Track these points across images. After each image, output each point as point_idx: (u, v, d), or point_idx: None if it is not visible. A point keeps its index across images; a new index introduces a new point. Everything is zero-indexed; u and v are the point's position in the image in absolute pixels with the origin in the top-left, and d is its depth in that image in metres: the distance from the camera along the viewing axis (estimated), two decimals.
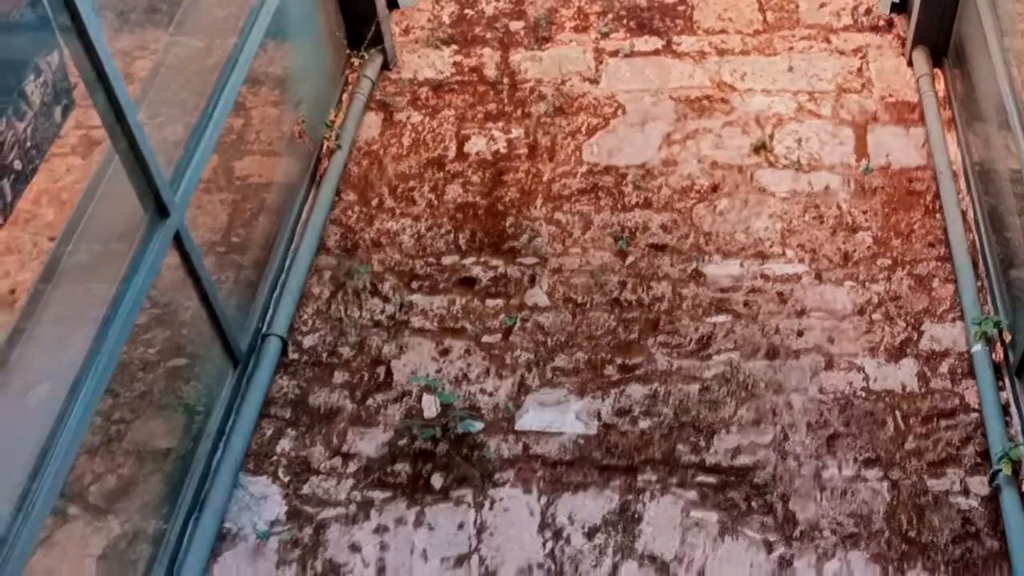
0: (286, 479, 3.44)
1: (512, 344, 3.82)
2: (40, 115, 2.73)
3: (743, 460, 3.47)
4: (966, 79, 4.39)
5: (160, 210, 2.99)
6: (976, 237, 4.00)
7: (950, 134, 4.37)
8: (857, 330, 3.78)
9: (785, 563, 3.25)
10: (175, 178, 3.12)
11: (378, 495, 3.39)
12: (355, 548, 3.27)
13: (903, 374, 3.65)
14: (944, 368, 3.66)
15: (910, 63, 4.70)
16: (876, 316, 3.82)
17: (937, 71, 4.63)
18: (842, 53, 4.82)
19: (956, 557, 3.20)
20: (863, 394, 3.60)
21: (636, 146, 4.48)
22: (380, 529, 3.32)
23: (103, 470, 3.01)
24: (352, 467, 3.46)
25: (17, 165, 2.54)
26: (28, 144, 2.68)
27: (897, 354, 3.70)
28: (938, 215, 4.11)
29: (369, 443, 3.54)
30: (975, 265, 3.90)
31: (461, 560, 3.26)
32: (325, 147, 4.43)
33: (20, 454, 2.52)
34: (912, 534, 3.27)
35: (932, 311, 3.83)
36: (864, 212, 4.15)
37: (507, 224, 4.22)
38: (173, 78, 3.54)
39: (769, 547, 3.27)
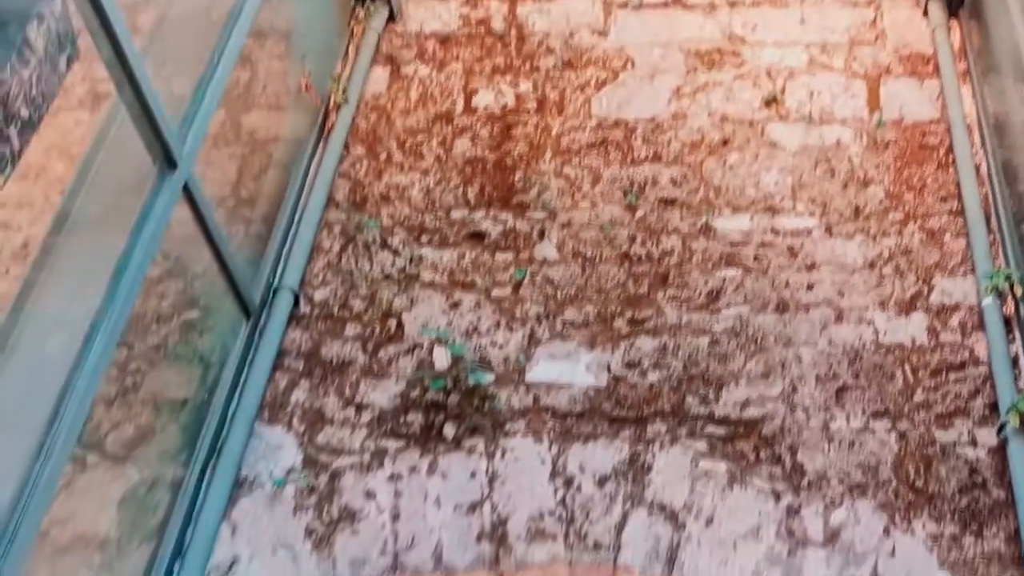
0: (301, 428, 3.47)
1: (522, 297, 3.83)
2: (44, 63, 2.72)
3: (752, 412, 3.49)
4: (982, 31, 4.34)
5: (168, 161, 2.99)
6: (989, 191, 3.98)
7: (965, 87, 4.33)
8: (867, 284, 3.78)
9: (793, 512, 3.28)
10: (182, 129, 3.11)
11: (391, 444, 3.43)
12: (370, 495, 3.32)
13: (913, 327, 3.66)
14: (954, 322, 3.67)
15: (925, 14, 4.64)
16: (887, 270, 3.82)
17: (953, 22, 4.57)
18: (855, 4, 4.75)
19: (963, 506, 3.23)
20: (872, 347, 3.61)
21: (645, 100, 4.44)
22: (394, 477, 3.36)
23: (120, 419, 3.05)
24: (365, 417, 3.50)
25: (23, 113, 2.53)
26: (33, 92, 2.66)
27: (907, 308, 3.71)
28: (951, 169, 4.08)
29: (382, 394, 3.57)
30: (987, 219, 3.88)
31: (474, 507, 3.30)
32: (332, 101, 4.40)
33: (37, 404, 2.55)
34: (919, 484, 3.30)
35: (943, 265, 3.82)
36: (876, 166, 4.13)
37: (516, 178, 4.21)
38: (178, 31, 3.51)
39: (777, 496, 3.31)
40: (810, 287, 3.79)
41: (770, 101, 4.37)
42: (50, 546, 2.82)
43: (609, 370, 3.61)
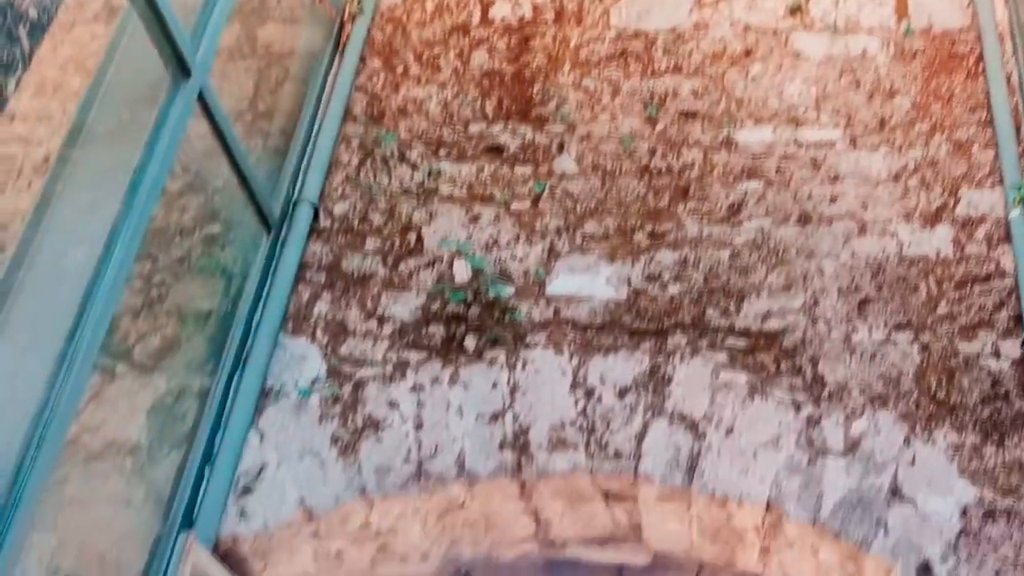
0: (324, 340, 3.51)
1: (541, 211, 3.81)
2: None
3: (773, 324, 3.48)
4: None
5: (182, 69, 2.97)
6: (1020, 101, 3.88)
7: None
8: (892, 196, 3.73)
9: (813, 422, 3.29)
10: (195, 37, 3.08)
11: (413, 356, 3.46)
12: (393, 405, 3.36)
13: (938, 240, 3.62)
14: (980, 234, 3.62)
15: None
16: (912, 182, 3.76)
17: None
18: None
19: (984, 417, 3.23)
20: (896, 260, 3.58)
21: (666, 9, 4.33)
22: (416, 387, 3.39)
23: (147, 330, 3.09)
24: (387, 329, 3.52)
25: (32, 14, 2.49)
26: None
27: (932, 220, 3.66)
28: (981, 78, 3.98)
29: (403, 307, 3.58)
30: (1017, 129, 3.80)
31: (495, 417, 3.33)
32: (347, 12, 4.32)
33: (60, 314, 2.56)
34: (941, 395, 3.30)
35: (970, 176, 3.76)
36: (903, 76, 4.03)
37: (534, 91, 4.14)
38: None
39: (797, 407, 3.32)
40: (833, 199, 3.75)
41: (794, 10, 4.26)
42: (83, 452, 2.88)
43: (629, 283, 3.60)
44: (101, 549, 2.86)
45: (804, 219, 3.71)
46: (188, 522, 2.96)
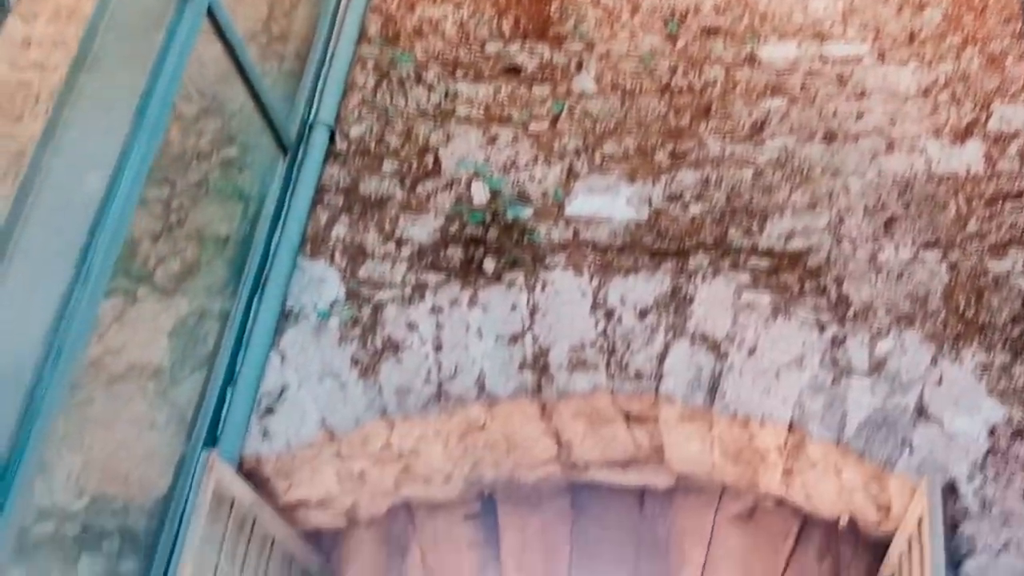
0: (343, 263, 3.50)
1: (560, 131, 3.74)
2: None
3: (797, 244, 3.42)
4: None
5: None
6: None
7: None
8: (921, 112, 3.62)
9: (838, 342, 3.25)
10: None
11: (432, 278, 3.44)
12: (412, 327, 3.36)
13: (968, 156, 3.51)
14: (1013, 149, 3.51)
15: None
16: (942, 97, 3.65)
17: None
18: None
19: (1014, 336, 3.17)
20: (924, 177, 3.49)
21: None
22: (435, 309, 3.38)
23: (167, 254, 3.10)
24: (405, 252, 3.50)
25: None
26: None
27: (963, 135, 3.55)
28: None
29: (421, 229, 3.56)
30: None
31: (515, 338, 3.32)
32: None
33: (73, 236, 2.55)
34: (969, 314, 3.23)
35: (1003, 90, 3.63)
36: None
37: (551, 9, 4.04)
38: None
39: (822, 327, 3.27)
40: (860, 116, 3.65)
41: None
42: (106, 374, 2.92)
43: (650, 203, 3.54)
44: (126, 469, 2.90)
45: (829, 137, 3.61)
46: (211, 442, 3.00)
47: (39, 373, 2.29)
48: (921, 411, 3.12)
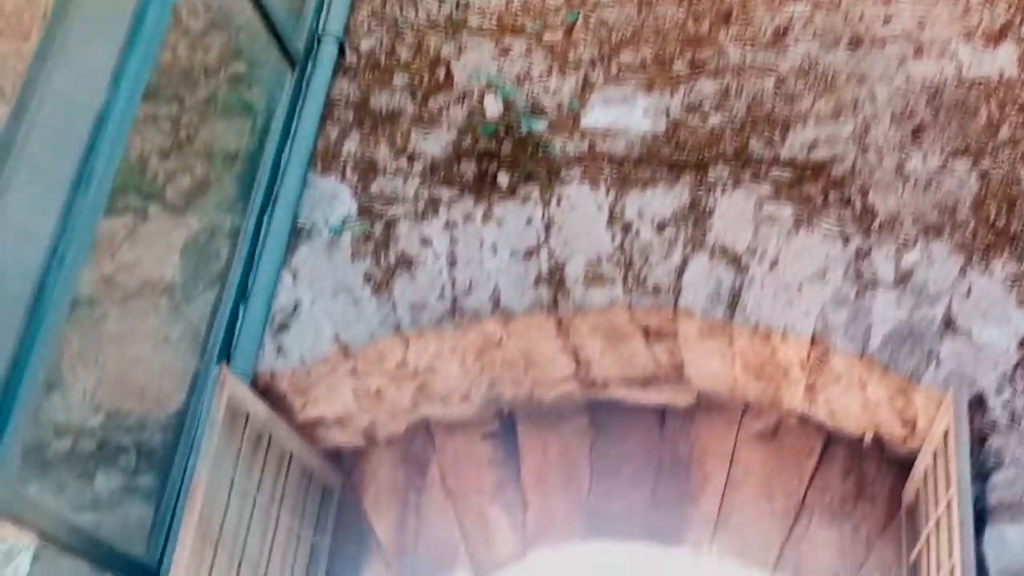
0: (354, 178, 3.45)
1: (575, 41, 3.63)
2: None
3: (820, 154, 3.32)
4: None
5: None
6: None
7: None
8: (951, 14, 3.46)
9: (862, 254, 3.17)
10: None
11: (445, 193, 3.38)
12: (426, 242, 3.32)
13: (1002, 60, 3.36)
14: None
15: None
16: None
17: None
18: None
19: None
20: (955, 82, 3.35)
21: None
22: (449, 224, 3.33)
23: (177, 170, 3.07)
24: (418, 167, 3.44)
25: None
26: None
27: (996, 38, 3.40)
28: None
29: (433, 143, 3.49)
30: None
31: (530, 253, 3.27)
32: None
33: (71, 148, 2.51)
34: (1000, 224, 3.13)
35: None
36: None
37: None
38: None
39: (846, 239, 3.19)
40: (887, 20, 3.50)
41: None
42: (120, 291, 2.91)
43: (668, 114, 3.44)
44: (141, 385, 2.91)
45: (855, 42, 3.48)
46: (225, 358, 2.98)
47: (41, 284, 2.26)
48: (949, 323, 3.04)
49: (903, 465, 3.32)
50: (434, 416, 3.59)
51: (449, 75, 3.62)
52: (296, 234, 3.31)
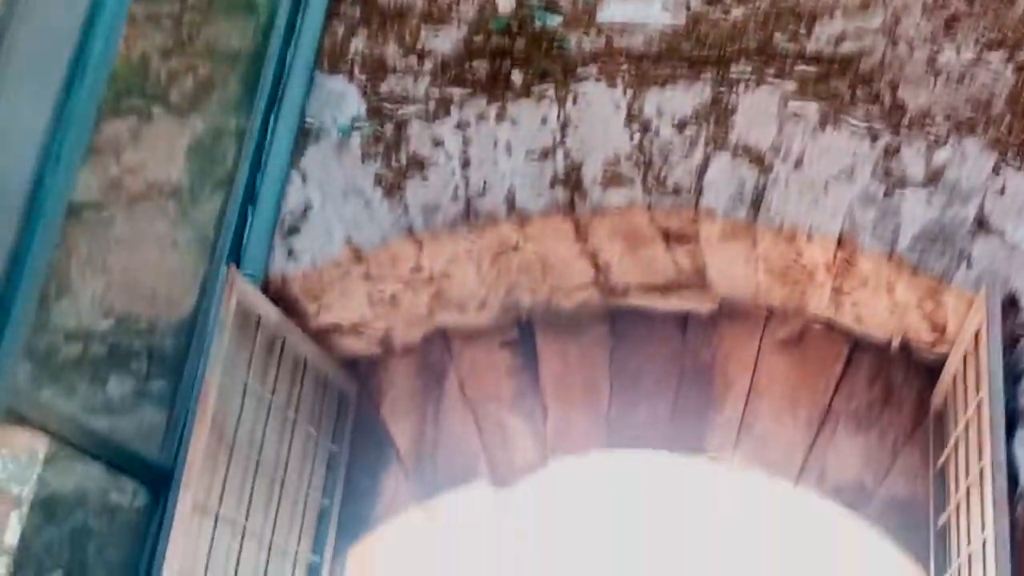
0: (363, 78, 3.34)
1: None
2: None
3: (848, 47, 3.18)
4: None
5: None
6: None
7: None
8: None
9: (891, 151, 3.05)
10: None
11: (457, 92, 3.28)
12: (438, 143, 3.22)
13: None
14: None
15: None
16: None
17: None
18: None
19: None
20: None
21: None
22: (462, 124, 3.23)
23: (179, 71, 2.99)
24: (428, 65, 3.33)
25: None
26: None
27: None
28: None
29: (444, 41, 3.37)
30: None
31: (545, 153, 3.18)
32: None
33: (63, 41, 2.41)
34: None
35: None
36: None
37: None
38: None
39: (874, 136, 3.06)
40: None
41: None
42: (125, 194, 2.86)
43: (688, 7, 3.29)
44: (151, 289, 2.87)
45: None
46: (235, 261, 2.93)
47: (38, 181, 2.20)
48: (981, 222, 2.93)
49: (931, 371, 3.24)
50: (451, 324, 3.53)
51: None
52: (304, 135, 3.23)
